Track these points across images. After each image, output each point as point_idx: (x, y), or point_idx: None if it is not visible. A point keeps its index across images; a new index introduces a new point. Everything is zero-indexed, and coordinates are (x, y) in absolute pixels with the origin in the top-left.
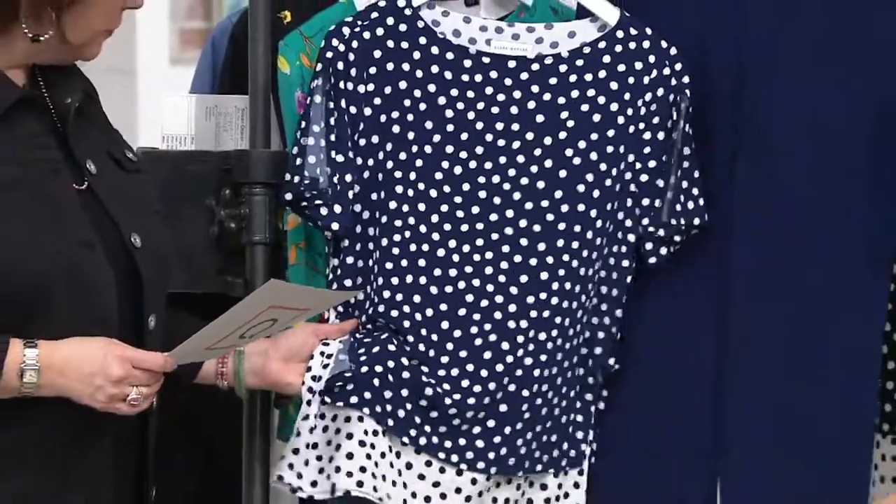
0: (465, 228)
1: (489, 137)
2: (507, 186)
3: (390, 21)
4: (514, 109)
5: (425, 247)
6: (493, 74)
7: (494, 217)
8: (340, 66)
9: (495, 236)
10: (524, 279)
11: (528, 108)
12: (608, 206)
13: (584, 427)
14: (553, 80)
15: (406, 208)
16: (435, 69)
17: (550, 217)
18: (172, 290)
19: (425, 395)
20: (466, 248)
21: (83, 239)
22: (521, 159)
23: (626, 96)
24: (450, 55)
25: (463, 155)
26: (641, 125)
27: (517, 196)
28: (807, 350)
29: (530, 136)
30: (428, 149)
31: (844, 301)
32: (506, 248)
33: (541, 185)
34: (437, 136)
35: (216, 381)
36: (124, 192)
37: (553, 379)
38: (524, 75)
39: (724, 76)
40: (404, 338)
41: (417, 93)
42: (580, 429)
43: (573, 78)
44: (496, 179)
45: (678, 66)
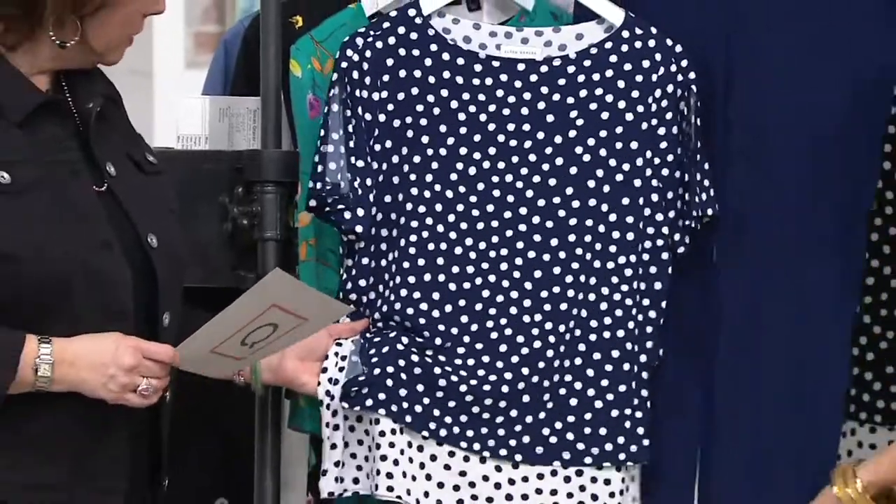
0: (480, 226)
1: (501, 138)
2: (519, 185)
3: (401, 30)
4: (525, 110)
5: (442, 245)
6: (504, 77)
7: (508, 214)
8: (355, 74)
9: (509, 233)
10: (538, 274)
11: (538, 109)
12: (622, 200)
13: (644, 422)
14: (562, 81)
15: (423, 209)
16: (446, 74)
17: (562, 213)
18: (187, 284)
19: (440, 385)
20: (482, 246)
21: (102, 239)
22: (532, 158)
23: (633, 94)
24: (460, 60)
25: (476, 156)
26: (654, 121)
27: (529, 194)
28: (785, 339)
29: (541, 135)
30: (442, 151)
31: (819, 292)
32: (520, 245)
33: (552, 182)
34: (451, 139)
35: (233, 376)
36: (142, 193)
37: (581, 370)
38: (533, 77)
39: (716, 75)
40: (420, 334)
41: (430, 98)
42: (640, 424)
43: (581, 78)
44: (509, 178)
45: (684, 63)
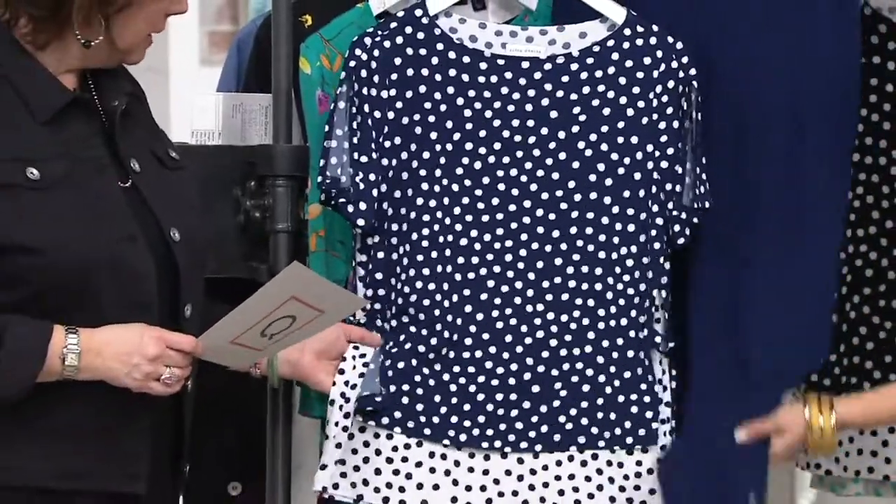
0: (485, 219)
1: (506, 134)
2: (524, 179)
3: (409, 30)
4: (529, 107)
5: (450, 237)
6: (508, 75)
7: (513, 207)
8: (364, 73)
9: (514, 225)
10: (540, 265)
11: (541, 105)
12: (624, 192)
13: (653, 406)
14: (565, 78)
15: (432, 203)
16: (453, 72)
17: (564, 206)
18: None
19: (453, 392)
20: (487, 237)
21: (127, 233)
22: (536, 153)
23: (635, 90)
24: (466, 59)
25: (482, 151)
26: (655, 116)
27: (533, 187)
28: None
29: (545, 131)
30: (449, 147)
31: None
32: (524, 237)
33: (555, 176)
34: (458, 135)
35: (250, 369)
36: (165, 188)
37: (591, 358)
38: (537, 75)
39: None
40: (431, 326)
41: (437, 95)
42: (648, 408)
43: (584, 75)
44: (514, 172)
45: (684, 59)
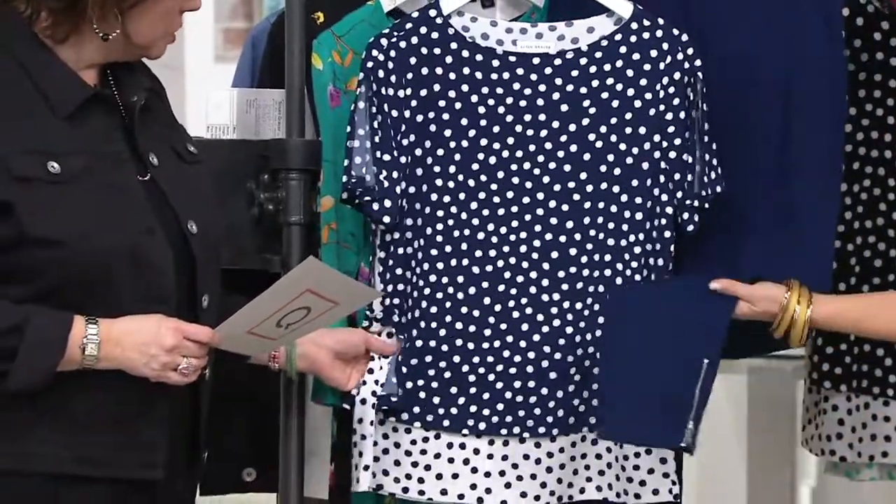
0: (501, 212)
1: (519, 128)
2: (537, 171)
3: (423, 30)
4: (540, 101)
5: (466, 231)
6: (520, 71)
7: (527, 200)
8: (381, 73)
9: (528, 217)
10: (555, 255)
11: (552, 100)
12: (633, 182)
13: None
14: (574, 73)
15: (447, 198)
16: (466, 70)
17: (577, 196)
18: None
19: (471, 381)
20: (503, 230)
21: (146, 225)
22: (548, 146)
23: (642, 82)
24: (479, 57)
25: (496, 146)
26: (662, 107)
27: (546, 180)
28: None
29: (556, 124)
30: (464, 143)
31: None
32: (538, 228)
33: (567, 168)
34: (472, 131)
35: (268, 362)
36: (183, 182)
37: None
38: (548, 70)
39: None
40: (448, 317)
41: (452, 93)
42: None
43: (593, 69)
44: (527, 166)
45: (690, 51)
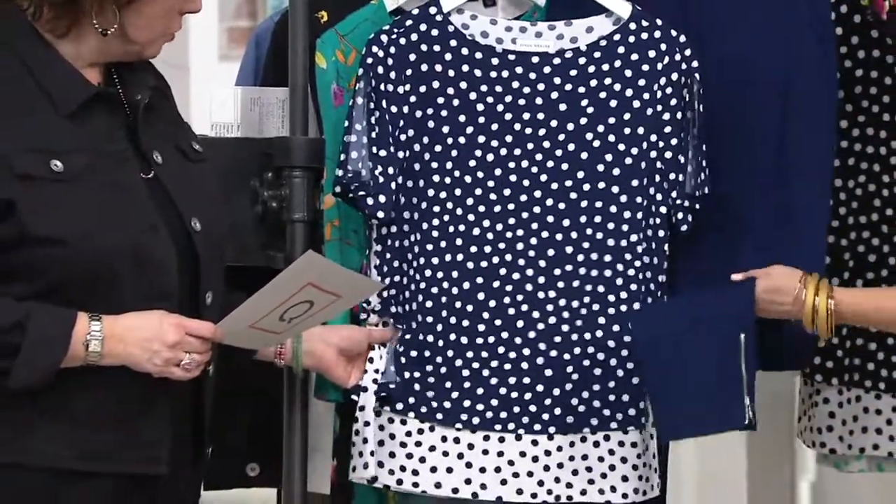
0: (497, 209)
1: (517, 126)
2: (534, 170)
3: (423, 27)
4: (539, 100)
5: (462, 227)
6: (519, 70)
7: (524, 197)
8: (380, 69)
9: (525, 215)
10: (551, 252)
11: (551, 99)
12: (631, 182)
13: None
14: (573, 72)
15: (444, 194)
16: (465, 68)
17: (574, 195)
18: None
19: (465, 376)
20: (499, 227)
21: (149, 223)
22: (546, 145)
23: (640, 82)
24: (478, 54)
25: (494, 143)
26: (659, 107)
27: (544, 178)
28: None
29: (554, 123)
30: (462, 140)
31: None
32: (534, 226)
33: (565, 166)
34: (470, 128)
35: (274, 359)
36: (187, 180)
37: (602, 342)
38: (547, 69)
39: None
40: (444, 312)
41: (450, 90)
42: None
43: (591, 69)
44: (525, 164)
45: (687, 52)
